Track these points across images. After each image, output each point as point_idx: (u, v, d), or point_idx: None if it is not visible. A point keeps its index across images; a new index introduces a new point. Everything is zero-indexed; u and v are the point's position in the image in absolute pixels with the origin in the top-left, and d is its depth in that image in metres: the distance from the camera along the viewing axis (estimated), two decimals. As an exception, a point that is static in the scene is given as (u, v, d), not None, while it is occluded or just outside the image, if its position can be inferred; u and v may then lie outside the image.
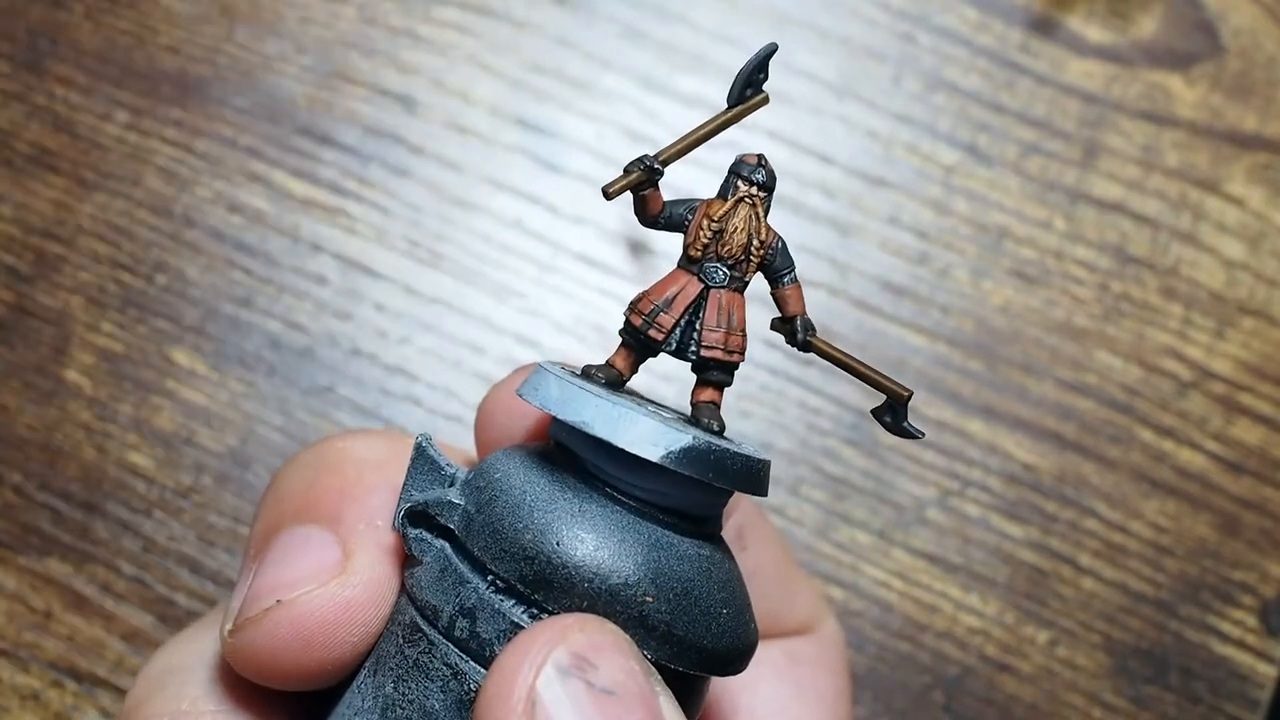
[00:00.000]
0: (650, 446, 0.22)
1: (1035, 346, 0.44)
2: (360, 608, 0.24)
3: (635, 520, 0.23)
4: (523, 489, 0.23)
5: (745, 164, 0.25)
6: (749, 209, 0.25)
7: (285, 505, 0.26)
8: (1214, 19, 0.46)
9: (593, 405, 0.22)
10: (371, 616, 0.24)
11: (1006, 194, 0.45)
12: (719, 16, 0.45)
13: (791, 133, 0.45)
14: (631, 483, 0.23)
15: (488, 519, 0.22)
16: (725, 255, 0.24)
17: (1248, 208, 0.45)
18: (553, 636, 0.21)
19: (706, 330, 0.24)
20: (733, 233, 0.24)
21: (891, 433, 0.25)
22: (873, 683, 0.41)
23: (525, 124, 0.44)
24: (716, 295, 0.24)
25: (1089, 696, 0.41)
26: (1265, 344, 0.44)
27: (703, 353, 0.24)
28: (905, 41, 0.46)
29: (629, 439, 0.22)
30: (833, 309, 0.43)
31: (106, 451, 0.41)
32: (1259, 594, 0.42)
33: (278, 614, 0.24)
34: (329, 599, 0.24)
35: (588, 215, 0.44)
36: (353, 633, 0.24)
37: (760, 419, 0.42)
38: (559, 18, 0.45)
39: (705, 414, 0.24)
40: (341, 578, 0.24)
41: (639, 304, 0.24)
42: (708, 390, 0.24)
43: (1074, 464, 0.43)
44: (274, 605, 0.24)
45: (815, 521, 0.42)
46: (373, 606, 0.24)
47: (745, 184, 0.25)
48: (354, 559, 0.24)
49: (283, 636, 0.24)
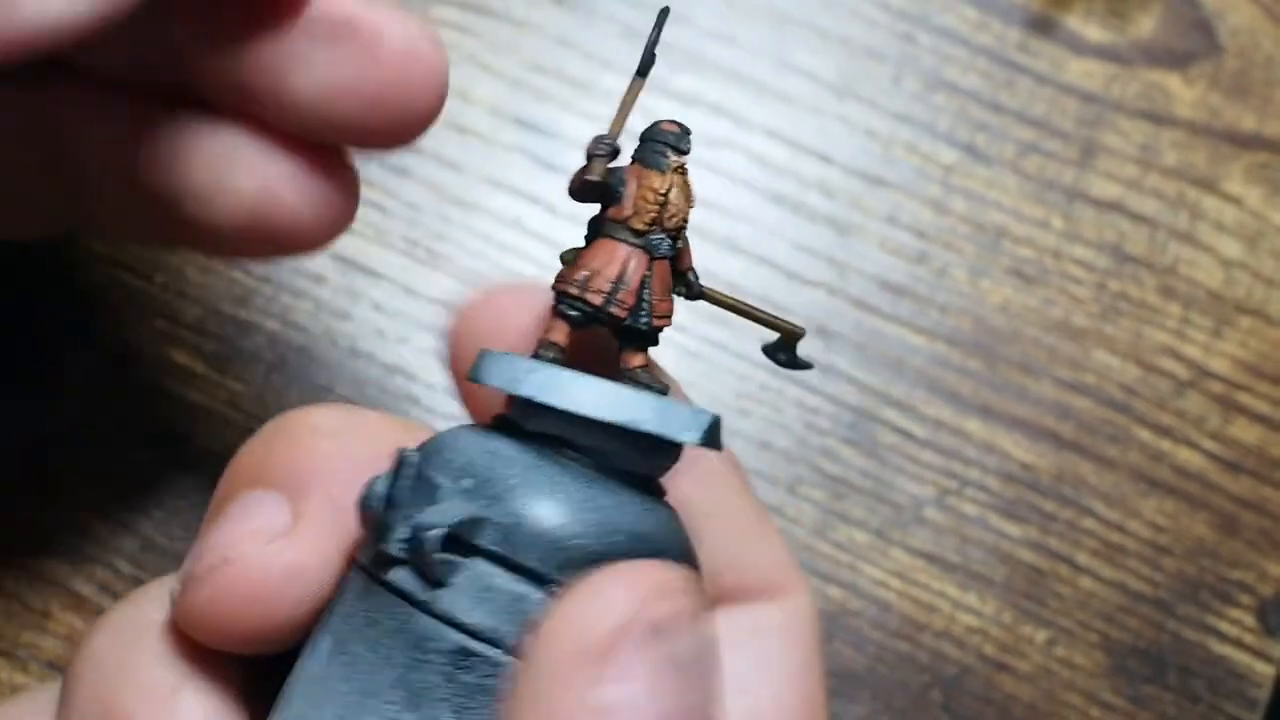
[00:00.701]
0: (672, 424, 0.23)
1: (1033, 346, 0.44)
2: (305, 570, 0.23)
3: (634, 494, 0.23)
4: (540, 484, 0.22)
5: (670, 133, 0.26)
6: (683, 179, 0.26)
7: (240, 474, 0.26)
8: (1212, 18, 0.46)
9: (594, 388, 0.23)
10: (320, 580, 0.24)
11: (1005, 193, 0.45)
12: (718, 16, 0.45)
13: (790, 132, 0.45)
14: (620, 453, 0.23)
15: (524, 526, 0.22)
16: (670, 227, 0.25)
17: (1246, 207, 0.45)
18: (650, 592, 0.20)
19: (657, 301, 0.25)
20: (676, 205, 0.25)
21: (785, 368, 0.27)
22: (871, 682, 0.41)
23: (525, 124, 0.44)
24: (659, 266, 0.25)
25: (1087, 696, 0.41)
26: (1263, 343, 0.44)
27: (655, 323, 0.25)
28: (905, 41, 0.46)
29: (644, 417, 0.23)
30: (831, 308, 0.43)
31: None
32: (1257, 593, 0.42)
33: (225, 570, 0.23)
34: (276, 557, 0.23)
35: (587, 215, 0.44)
36: (302, 596, 0.23)
37: (758, 418, 0.42)
38: (559, 17, 0.45)
39: (648, 377, 0.25)
40: (289, 538, 0.24)
41: (592, 281, 0.25)
42: (639, 355, 0.25)
43: (1072, 463, 0.43)
44: (220, 563, 0.23)
45: (813, 521, 0.42)
46: (321, 570, 0.24)
47: (675, 154, 0.26)
48: (303, 521, 0.24)
49: (229, 595, 0.23)
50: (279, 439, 0.26)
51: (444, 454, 0.23)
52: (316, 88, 0.28)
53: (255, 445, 0.26)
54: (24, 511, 0.40)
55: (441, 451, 0.23)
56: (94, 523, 0.40)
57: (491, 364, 0.24)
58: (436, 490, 0.22)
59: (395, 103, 0.28)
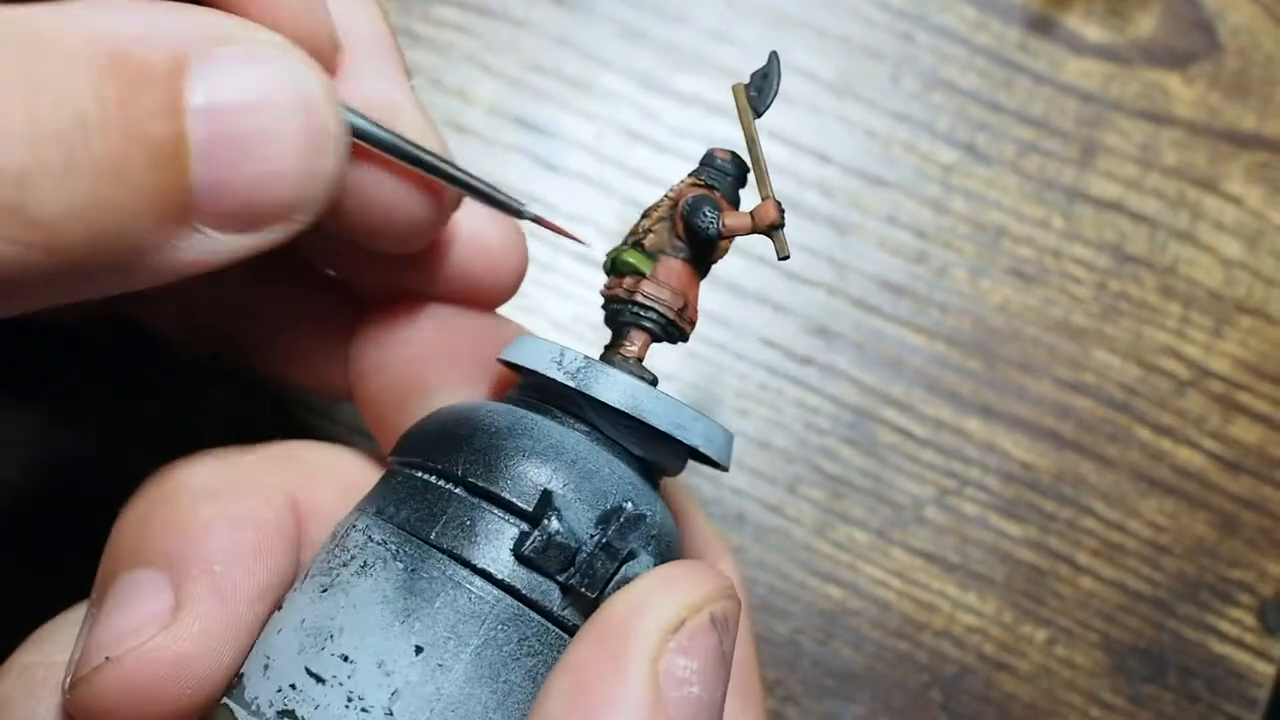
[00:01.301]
0: (723, 452, 0.27)
1: (1033, 345, 0.44)
2: (192, 661, 0.23)
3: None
4: (648, 495, 0.25)
5: (719, 158, 0.27)
6: None
7: (121, 546, 0.25)
8: (1212, 18, 0.46)
9: (694, 419, 0.26)
10: (207, 669, 0.23)
11: (1004, 193, 0.45)
12: (718, 16, 0.45)
13: (790, 132, 0.45)
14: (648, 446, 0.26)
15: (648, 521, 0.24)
16: None
17: (1246, 206, 0.45)
18: (715, 591, 0.23)
19: (692, 310, 0.27)
20: None
21: None
22: (871, 681, 0.41)
23: (524, 123, 0.44)
24: None
25: (1087, 695, 0.41)
26: (1263, 343, 0.44)
27: (689, 330, 0.27)
28: (904, 40, 0.46)
29: (704, 439, 0.26)
30: (831, 308, 0.43)
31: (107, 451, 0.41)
32: (1257, 593, 0.42)
33: (107, 672, 0.23)
34: (158, 653, 0.23)
35: (586, 214, 0.44)
36: (187, 687, 0.23)
37: (758, 418, 0.42)
38: (558, 17, 0.45)
39: (642, 369, 0.27)
40: (172, 629, 0.23)
41: (686, 311, 0.27)
42: (641, 343, 0.27)
43: (1072, 463, 0.43)
44: (103, 663, 0.23)
45: (813, 520, 0.42)
46: (207, 658, 0.23)
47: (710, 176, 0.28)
48: (186, 608, 0.23)
49: (114, 695, 0.23)
50: (156, 506, 0.25)
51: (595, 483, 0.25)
52: (445, 283, 0.30)
53: (134, 512, 0.26)
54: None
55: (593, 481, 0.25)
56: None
57: (612, 384, 0.25)
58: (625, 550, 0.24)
59: (491, 288, 0.30)
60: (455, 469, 0.24)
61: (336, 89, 0.23)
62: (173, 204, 0.21)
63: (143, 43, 0.20)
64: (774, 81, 0.26)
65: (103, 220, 0.20)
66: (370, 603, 0.23)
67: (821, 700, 0.41)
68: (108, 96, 0.20)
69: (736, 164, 0.27)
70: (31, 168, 0.19)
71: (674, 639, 0.22)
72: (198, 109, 0.21)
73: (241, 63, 0.21)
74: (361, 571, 0.23)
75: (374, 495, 0.25)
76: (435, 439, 0.25)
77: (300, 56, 0.22)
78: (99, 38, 0.20)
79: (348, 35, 0.26)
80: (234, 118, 0.21)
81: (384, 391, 0.28)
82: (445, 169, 0.26)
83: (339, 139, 0.23)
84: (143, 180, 0.20)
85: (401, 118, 0.26)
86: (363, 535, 0.24)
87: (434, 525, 0.23)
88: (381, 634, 0.23)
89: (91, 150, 0.19)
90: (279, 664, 0.23)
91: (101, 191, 0.20)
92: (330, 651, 0.23)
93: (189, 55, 0.21)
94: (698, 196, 0.26)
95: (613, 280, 0.27)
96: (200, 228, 0.21)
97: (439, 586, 0.23)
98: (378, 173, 0.25)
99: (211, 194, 0.21)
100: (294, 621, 0.23)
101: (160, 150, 0.20)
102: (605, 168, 0.44)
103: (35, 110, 0.19)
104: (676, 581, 0.22)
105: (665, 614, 0.22)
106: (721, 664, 0.22)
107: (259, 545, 0.24)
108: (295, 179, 0.22)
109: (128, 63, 0.20)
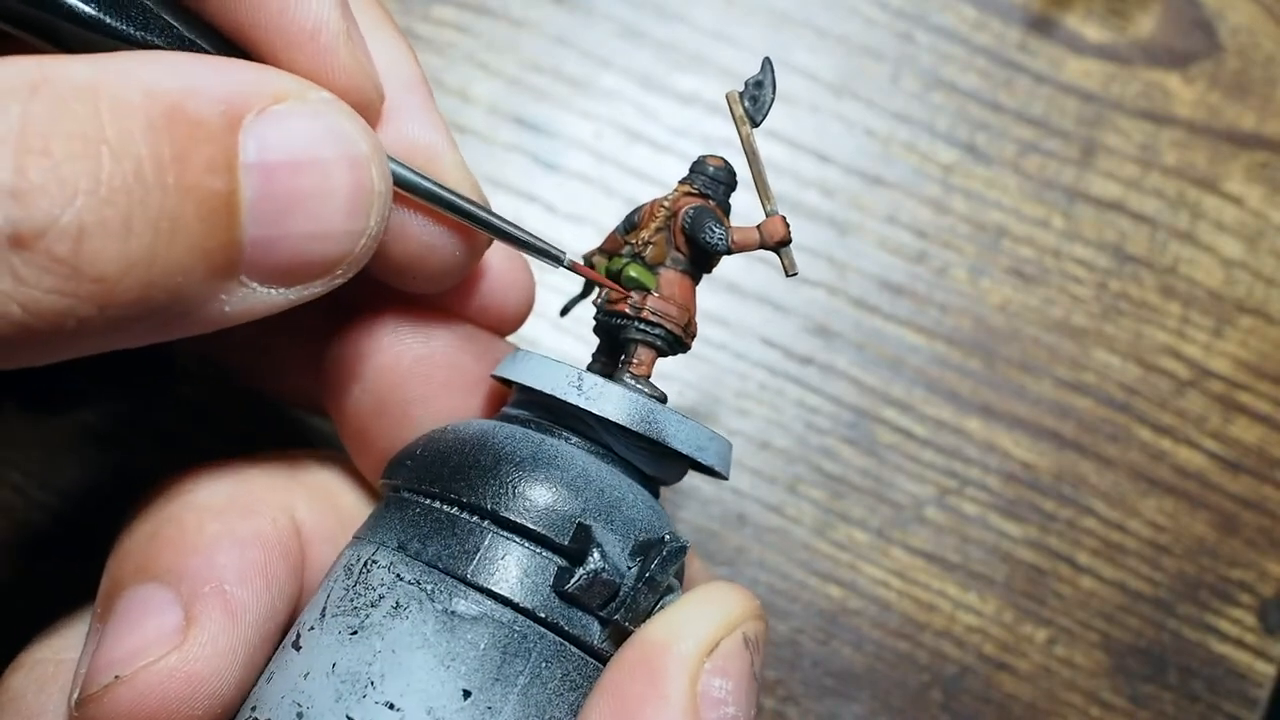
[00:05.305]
0: (724, 463, 0.27)
1: (1033, 345, 0.44)
2: (204, 681, 0.23)
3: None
4: (662, 514, 0.26)
5: (711, 165, 0.27)
6: None
7: (127, 561, 0.25)
8: (1212, 18, 0.46)
9: (708, 436, 0.26)
10: (217, 688, 0.23)
11: (1005, 193, 0.45)
12: (717, 15, 0.45)
13: (789, 131, 0.45)
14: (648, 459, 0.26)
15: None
16: None
17: (1246, 206, 0.45)
18: (746, 613, 0.23)
19: (694, 323, 0.28)
20: None
21: None
22: (871, 681, 0.41)
23: (523, 123, 0.44)
24: None
25: (1087, 695, 0.41)
26: (1263, 342, 0.44)
27: (692, 344, 0.28)
28: (903, 40, 0.46)
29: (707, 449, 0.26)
30: (831, 307, 0.43)
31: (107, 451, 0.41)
32: (1257, 593, 0.42)
33: (117, 691, 0.22)
34: (169, 673, 0.22)
35: (585, 214, 0.44)
36: (197, 707, 0.23)
37: (758, 418, 0.42)
38: (557, 17, 0.45)
39: (651, 386, 0.27)
40: (183, 649, 0.23)
41: (690, 325, 0.27)
42: (648, 361, 0.28)
43: (1072, 462, 0.43)
44: (113, 681, 0.22)
45: (813, 520, 0.42)
46: (217, 678, 0.23)
47: None
48: (196, 627, 0.23)
49: (125, 715, 0.22)
50: (163, 523, 0.25)
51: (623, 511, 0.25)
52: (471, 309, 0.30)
53: (138, 526, 0.25)
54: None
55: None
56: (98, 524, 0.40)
57: (633, 406, 0.25)
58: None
59: (499, 320, 0.31)
60: (484, 502, 0.24)
61: (381, 145, 0.23)
62: (224, 259, 0.21)
63: (197, 97, 0.20)
64: (769, 90, 0.26)
65: (155, 276, 0.20)
66: (410, 646, 0.22)
67: (822, 700, 0.41)
68: (164, 153, 0.20)
69: (729, 171, 0.27)
70: (90, 225, 0.19)
71: (709, 660, 0.22)
72: (250, 165, 0.21)
73: (293, 119, 0.21)
74: (395, 613, 0.23)
75: (389, 526, 0.25)
76: (454, 468, 0.24)
77: (349, 114, 0.22)
78: (156, 93, 0.20)
79: (384, 77, 0.26)
80: (285, 175, 0.21)
81: (360, 402, 0.28)
82: (484, 217, 0.26)
83: (383, 196, 0.23)
84: (196, 236, 0.20)
85: (441, 161, 0.26)
86: (388, 573, 0.23)
87: (468, 562, 0.23)
88: (427, 679, 0.22)
89: (148, 207, 0.19)
90: (316, 713, 0.22)
91: (157, 248, 0.20)
92: (374, 699, 0.22)
93: (243, 111, 0.21)
94: (698, 209, 0.26)
95: (613, 293, 0.27)
96: (247, 281, 0.21)
97: (481, 627, 0.23)
98: (417, 218, 0.25)
99: (261, 250, 0.21)
100: (323, 666, 0.23)
101: (214, 206, 0.20)
102: (605, 167, 0.44)
103: (94, 168, 0.19)
104: (711, 605, 0.23)
105: (702, 637, 0.22)
106: (753, 684, 0.23)
107: (266, 565, 0.24)
108: (341, 238, 0.22)
109: (183, 118, 0.20)
